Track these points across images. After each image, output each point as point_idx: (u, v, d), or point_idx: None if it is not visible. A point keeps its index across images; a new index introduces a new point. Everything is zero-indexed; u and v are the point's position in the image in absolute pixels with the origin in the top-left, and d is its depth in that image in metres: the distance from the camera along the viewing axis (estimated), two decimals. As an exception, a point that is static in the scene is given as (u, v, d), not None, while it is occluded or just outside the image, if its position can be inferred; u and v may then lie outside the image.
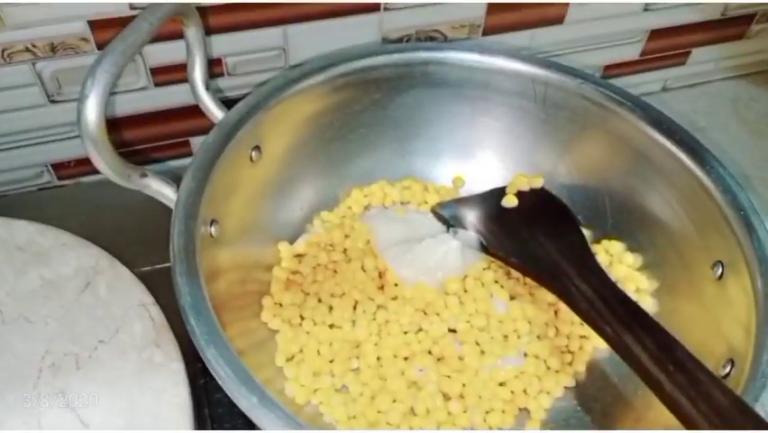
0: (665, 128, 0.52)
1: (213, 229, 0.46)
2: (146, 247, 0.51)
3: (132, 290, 0.49)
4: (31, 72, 0.52)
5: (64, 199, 0.60)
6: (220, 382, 0.38)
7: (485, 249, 0.55)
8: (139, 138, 0.60)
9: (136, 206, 0.49)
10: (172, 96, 0.57)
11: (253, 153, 0.51)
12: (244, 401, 0.37)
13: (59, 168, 0.60)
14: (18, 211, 0.53)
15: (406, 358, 0.50)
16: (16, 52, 0.50)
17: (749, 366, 0.41)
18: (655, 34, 0.68)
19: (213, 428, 0.50)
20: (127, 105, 0.57)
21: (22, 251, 0.51)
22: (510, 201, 0.57)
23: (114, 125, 0.58)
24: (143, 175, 0.44)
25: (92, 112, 0.38)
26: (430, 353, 0.51)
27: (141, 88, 0.56)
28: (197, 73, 0.50)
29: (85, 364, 0.46)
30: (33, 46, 0.50)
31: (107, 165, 0.41)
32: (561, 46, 0.65)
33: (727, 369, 0.43)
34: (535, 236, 0.53)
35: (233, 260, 0.49)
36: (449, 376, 0.50)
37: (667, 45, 0.70)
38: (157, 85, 0.56)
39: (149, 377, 0.45)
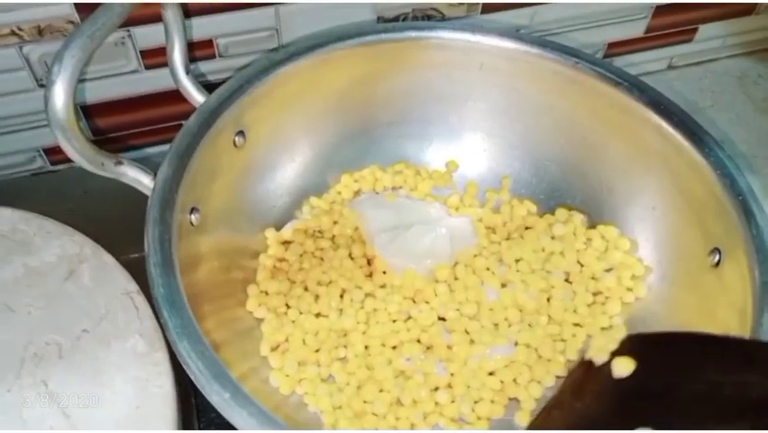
0: (663, 109, 0.50)
1: (193, 217, 0.45)
2: (134, 234, 0.49)
3: (116, 278, 0.49)
4: (18, 56, 0.51)
5: (53, 186, 0.60)
6: (192, 378, 0.37)
7: None
8: (132, 122, 0.59)
9: (126, 192, 0.48)
10: (166, 80, 0.55)
11: (237, 138, 0.50)
12: (216, 397, 0.36)
13: (51, 152, 0.60)
14: (7, 197, 0.53)
15: (394, 347, 0.50)
16: (2, 36, 0.50)
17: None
18: (661, 10, 0.66)
19: (199, 419, 0.50)
20: (118, 89, 0.56)
21: (6, 238, 0.50)
22: (626, 367, 0.39)
23: (105, 110, 0.57)
24: (118, 163, 0.43)
25: (59, 98, 0.37)
26: (419, 341, 0.50)
27: (132, 72, 0.55)
28: (177, 56, 0.49)
29: (67, 354, 0.45)
30: (19, 29, 0.50)
31: (78, 154, 0.40)
32: (562, 24, 0.63)
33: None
34: (710, 379, 0.37)
35: (216, 248, 0.48)
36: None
37: (673, 21, 0.68)
38: (148, 68, 0.55)
39: (132, 367, 0.45)
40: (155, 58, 0.54)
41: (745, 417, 0.35)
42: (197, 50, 0.55)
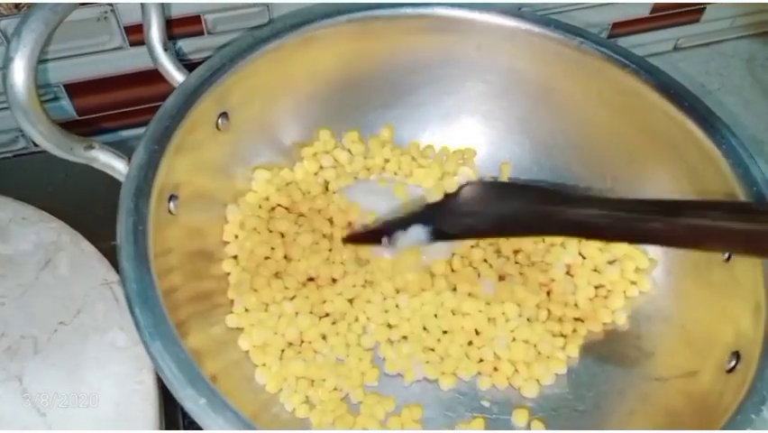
0: (673, 93, 0.48)
1: (172, 204, 0.43)
2: (115, 220, 0.48)
3: (95, 267, 0.47)
4: (-5, 31, 0.49)
5: (34, 168, 0.58)
6: (164, 381, 0.35)
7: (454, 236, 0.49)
8: (118, 102, 0.58)
9: (109, 176, 0.46)
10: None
11: (220, 120, 0.48)
12: (190, 404, 0.35)
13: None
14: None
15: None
16: (-22, 11, 0.47)
17: (757, 360, 0.39)
18: (667, -11, 0.64)
19: (183, 414, 0.48)
20: (101, 67, 0.54)
21: (-21, 225, 0.48)
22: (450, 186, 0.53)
23: (87, 89, 0.56)
24: (89, 147, 0.41)
25: (19, 76, 0.35)
26: (405, 338, 0.49)
27: (116, 48, 0.53)
28: (154, 32, 0.47)
29: (43, 348, 0.44)
30: (-4, 4, 0.47)
31: (43, 137, 0.38)
32: (565, 3, 0.62)
33: (732, 363, 0.41)
34: (504, 203, 0.48)
35: (196, 238, 0.47)
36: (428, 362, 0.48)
37: (679, 1, 0.66)
38: (133, 44, 0.53)
39: (111, 362, 0.43)
40: (141, 34, 0.52)
41: (489, 223, 0.46)
42: (184, 27, 0.54)
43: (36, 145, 0.57)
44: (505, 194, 0.48)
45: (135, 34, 0.52)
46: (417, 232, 0.47)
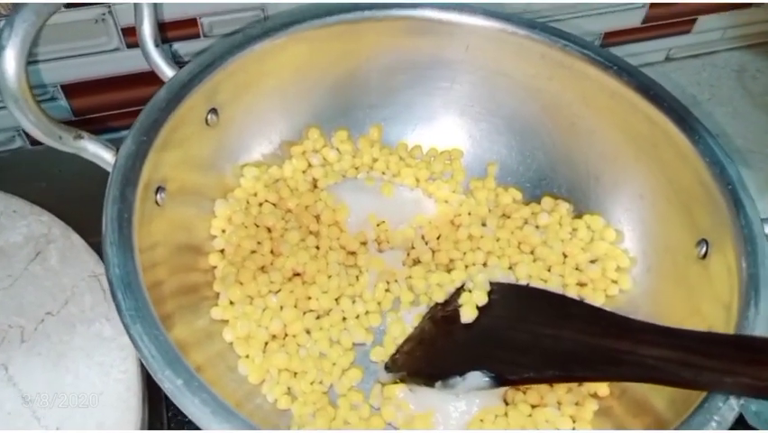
0: (653, 94, 0.49)
1: (159, 197, 0.44)
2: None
3: (84, 260, 0.47)
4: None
5: (28, 164, 0.59)
6: (144, 363, 0.36)
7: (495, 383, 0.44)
8: (114, 103, 0.58)
9: (101, 173, 0.46)
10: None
11: (209, 116, 0.48)
12: (168, 384, 0.35)
13: (30, 133, 0.58)
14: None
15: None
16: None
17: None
18: (659, -1, 0.64)
19: (167, 407, 0.49)
20: (98, 68, 0.55)
21: (-30, 217, 0.49)
22: (471, 315, 0.47)
23: (85, 89, 0.56)
24: (78, 137, 0.42)
25: (10, 66, 0.36)
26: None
27: (114, 50, 0.54)
28: (146, 27, 0.47)
29: (30, 337, 0.44)
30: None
31: (33, 126, 0.38)
32: (558, 12, 0.62)
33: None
34: (533, 330, 0.45)
35: (183, 230, 0.47)
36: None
37: (671, 12, 0.67)
38: (130, 46, 0.54)
39: (96, 352, 0.44)
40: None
41: (554, 366, 0.42)
42: (180, 30, 0.54)
43: (32, 144, 0.59)
44: (542, 308, 0.46)
45: (132, 36, 0.52)
46: (476, 377, 0.43)
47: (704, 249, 0.45)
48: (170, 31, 0.54)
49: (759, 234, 0.42)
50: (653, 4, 0.64)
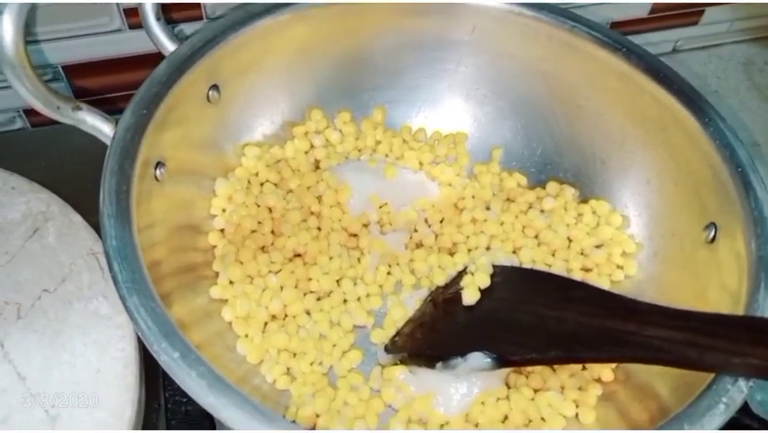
0: (662, 76, 0.48)
1: (158, 172, 0.43)
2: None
3: (83, 237, 0.47)
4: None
5: (28, 144, 0.58)
6: (140, 335, 0.35)
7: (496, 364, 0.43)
8: (116, 85, 0.57)
9: (100, 152, 0.46)
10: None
11: (211, 93, 0.48)
12: (164, 357, 0.34)
13: (31, 114, 0.58)
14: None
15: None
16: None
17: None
18: (666, -10, 0.64)
19: (164, 386, 0.48)
20: (100, 49, 0.54)
21: (-32, 193, 0.48)
22: (473, 297, 0.47)
23: (86, 71, 0.55)
24: (77, 108, 0.41)
25: (8, 31, 0.35)
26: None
27: (115, 31, 0.53)
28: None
29: (27, 314, 0.44)
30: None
31: (30, 94, 0.38)
32: (564, 1, 0.60)
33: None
34: (537, 312, 0.44)
35: (182, 206, 0.46)
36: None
37: (678, 2, 0.66)
38: (132, 27, 0.53)
39: (93, 330, 0.43)
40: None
41: (557, 347, 0.41)
42: (183, 12, 0.54)
43: (32, 126, 0.58)
44: (547, 291, 0.45)
45: (134, 17, 0.52)
46: (477, 358, 0.43)
47: (712, 233, 0.44)
48: (174, 12, 0.53)
49: (769, 217, 0.42)
50: (660, -5, 0.64)
